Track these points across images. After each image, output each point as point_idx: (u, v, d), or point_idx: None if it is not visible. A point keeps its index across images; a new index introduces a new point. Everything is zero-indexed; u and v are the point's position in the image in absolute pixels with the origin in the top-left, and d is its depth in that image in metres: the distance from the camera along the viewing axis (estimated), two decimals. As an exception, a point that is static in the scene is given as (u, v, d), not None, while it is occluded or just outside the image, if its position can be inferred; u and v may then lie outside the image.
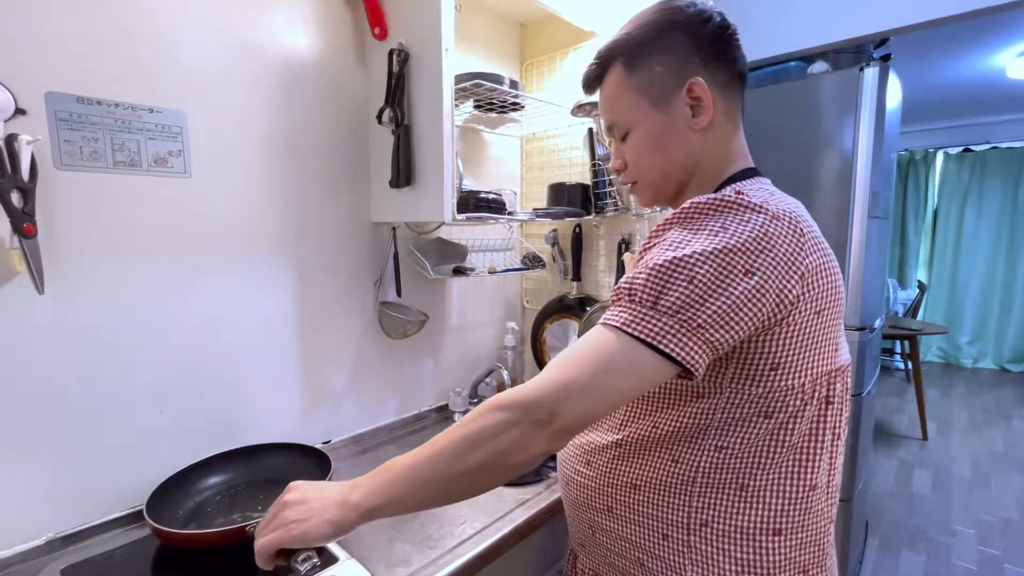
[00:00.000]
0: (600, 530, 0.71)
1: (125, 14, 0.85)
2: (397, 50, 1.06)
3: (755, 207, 0.55)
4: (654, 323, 0.52)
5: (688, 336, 0.51)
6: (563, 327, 1.54)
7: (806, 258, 0.55)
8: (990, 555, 2.14)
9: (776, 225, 0.54)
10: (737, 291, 0.52)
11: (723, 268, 0.52)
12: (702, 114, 0.64)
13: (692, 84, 0.63)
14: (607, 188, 1.33)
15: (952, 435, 3.34)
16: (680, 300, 0.52)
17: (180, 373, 0.97)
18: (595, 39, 1.40)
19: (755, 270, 0.52)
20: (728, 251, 0.52)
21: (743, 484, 0.60)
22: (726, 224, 0.54)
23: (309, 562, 0.69)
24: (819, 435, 0.61)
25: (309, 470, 0.98)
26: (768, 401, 0.58)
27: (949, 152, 4.83)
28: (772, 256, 0.53)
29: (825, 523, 0.64)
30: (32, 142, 0.75)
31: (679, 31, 0.63)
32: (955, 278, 4.86)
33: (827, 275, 0.58)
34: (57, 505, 0.85)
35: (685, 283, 0.52)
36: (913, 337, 3.39)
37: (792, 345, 0.56)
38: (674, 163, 0.67)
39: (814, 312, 0.56)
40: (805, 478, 0.61)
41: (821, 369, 0.59)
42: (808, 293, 0.55)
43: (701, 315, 0.51)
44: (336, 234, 1.19)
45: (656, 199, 0.72)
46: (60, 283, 0.82)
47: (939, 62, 3.02)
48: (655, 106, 0.65)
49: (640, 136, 0.67)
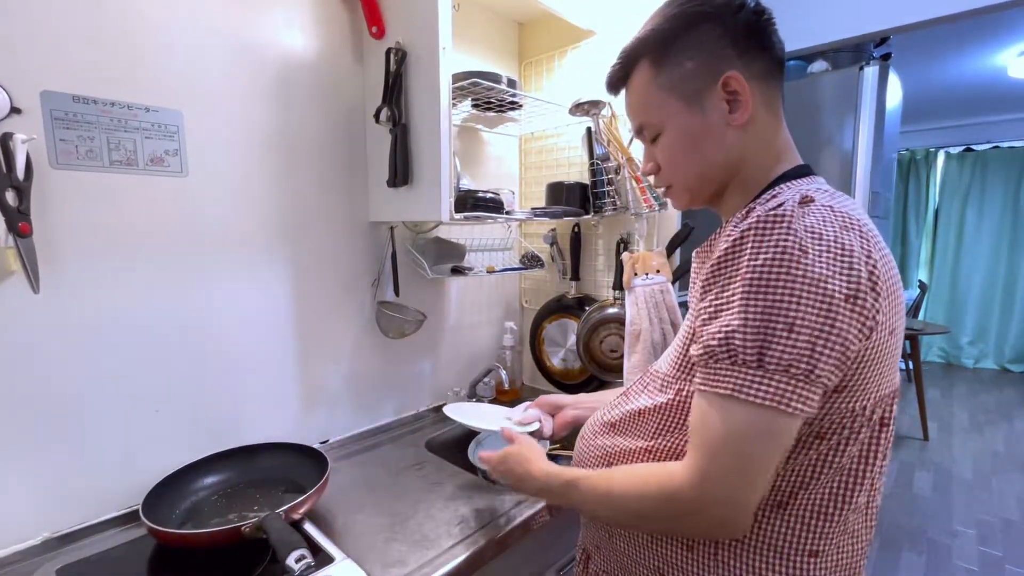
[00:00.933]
0: (619, 535, 0.69)
1: (121, 13, 0.85)
2: (394, 49, 1.06)
3: (822, 215, 0.50)
4: (768, 385, 0.48)
5: (806, 387, 0.47)
6: (562, 327, 1.54)
7: (881, 269, 0.50)
8: (991, 556, 2.13)
9: (850, 235, 0.49)
10: (844, 323, 0.47)
11: (822, 302, 0.47)
12: (740, 109, 0.59)
13: (728, 78, 0.58)
14: (606, 188, 1.33)
15: (953, 435, 3.34)
16: (788, 354, 0.47)
17: (176, 373, 0.97)
18: (594, 38, 1.39)
19: (855, 292, 0.47)
20: (821, 280, 0.47)
21: (782, 503, 0.56)
22: (804, 246, 0.48)
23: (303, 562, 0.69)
24: (869, 457, 0.56)
25: (306, 470, 0.98)
26: (823, 423, 0.53)
27: (950, 152, 4.82)
28: (857, 271, 0.48)
29: (862, 546, 0.61)
30: (27, 141, 0.75)
31: (710, 22, 0.58)
32: (956, 278, 4.85)
33: (897, 290, 0.53)
34: (53, 505, 0.85)
35: (786, 333, 0.47)
36: (914, 337, 3.39)
37: (863, 367, 0.51)
38: (712, 164, 0.62)
39: (889, 332, 0.51)
40: (849, 500, 0.56)
41: (884, 391, 0.55)
42: (884, 310, 0.50)
43: (816, 366, 0.47)
44: (333, 233, 1.18)
45: (693, 202, 0.67)
46: (55, 282, 0.82)
47: (940, 61, 3.01)
48: (688, 104, 0.60)
49: (673, 137, 0.63)
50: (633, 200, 1.29)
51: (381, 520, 0.92)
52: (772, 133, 0.62)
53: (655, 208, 1.28)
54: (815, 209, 0.50)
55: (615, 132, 1.31)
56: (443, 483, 1.06)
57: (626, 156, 1.29)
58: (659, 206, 1.28)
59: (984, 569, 2.05)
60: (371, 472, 1.11)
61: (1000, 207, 4.59)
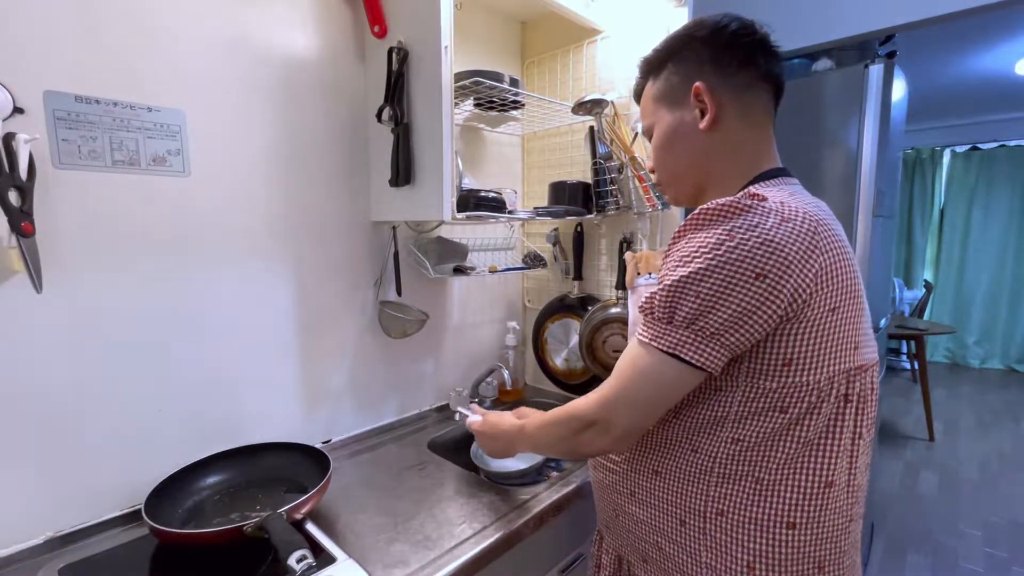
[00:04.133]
0: (623, 513, 0.76)
1: (123, 13, 0.85)
2: (397, 48, 1.05)
3: (767, 210, 0.57)
4: (672, 336, 0.59)
5: (704, 343, 0.58)
6: (564, 326, 1.54)
7: (819, 257, 0.57)
8: (998, 557, 2.12)
9: (786, 226, 0.56)
10: (748, 296, 0.55)
11: (730, 277, 0.56)
12: (706, 116, 0.68)
13: (695, 88, 0.68)
14: (608, 187, 1.33)
15: (959, 436, 3.31)
16: (692, 312, 0.58)
17: (179, 372, 0.97)
18: (596, 37, 1.39)
19: (766, 273, 0.55)
20: (734, 262, 0.56)
21: (758, 477, 0.63)
22: (733, 231, 0.57)
23: (305, 562, 0.69)
24: (836, 432, 0.62)
25: (308, 470, 0.98)
26: (783, 396, 0.60)
27: (956, 150, 4.78)
28: (782, 257, 0.55)
29: (843, 521, 0.65)
30: (30, 141, 0.75)
31: (695, 42, 0.69)
32: (962, 277, 4.81)
33: (843, 273, 0.59)
34: (56, 504, 0.85)
35: (693, 298, 0.57)
36: (919, 337, 3.36)
37: (805, 341, 0.58)
38: (681, 161, 0.72)
39: (828, 309, 0.58)
40: (820, 474, 0.62)
41: (838, 367, 0.60)
42: (821, 291, 0.57)
43: (714, 323, 0.57)
44: (336, 233, 1.18)
45: (678, 198, 0.78)
46: (58, 282, 0.82)
47: (946, 59, 2.99)
48: (670, 110, 0.71)
49: (658, 136, 0.74)
50: (636, 199, 1.28)
51: (383, 520, 0.92)
52: (745, 140, 0.69)
53: (658, 207, 1.27)
54: (759, 205, 0.58)
55: (618, 131, 1.30)
56: (445, 483, 1.06)
57: (629, 155, 1.28)
58: (662, 205, 1.27)
59: (990, 571, 2.04)
60: (373, 472, 1.11)
61: (1007, 206, 4.55)
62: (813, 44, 1.71)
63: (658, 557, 0.72)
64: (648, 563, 0.74)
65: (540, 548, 1.00)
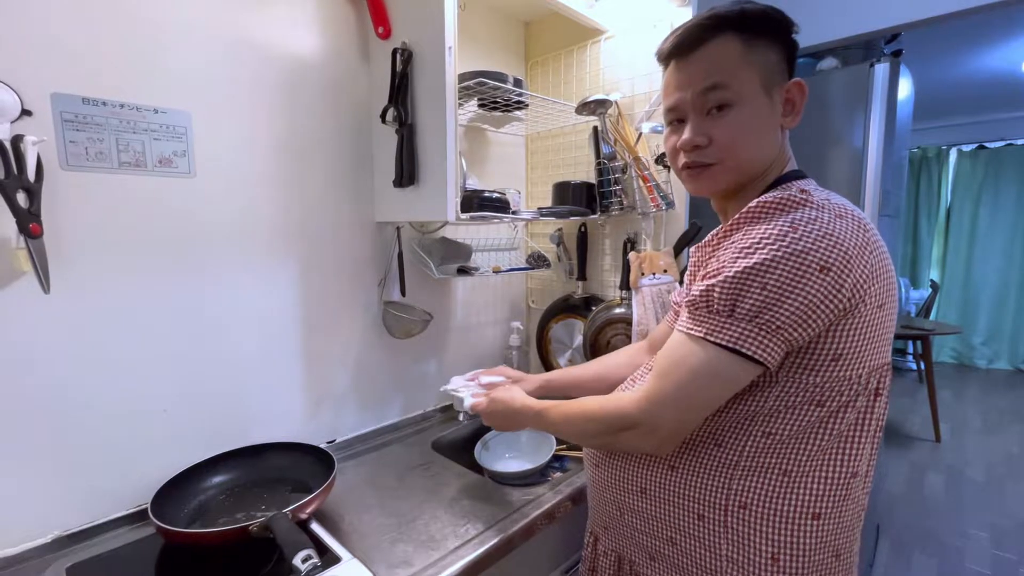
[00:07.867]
0: (629, 510, 0.74)
1: (130, 15, 0.86)
2: (401, 49, 1.06)
3: (820, 205, 0.58)
4: (733, 329, 0.56)
5: (767, 337, 0.56)
6: (568, 327, 1.53)
7: (870, 254, 0.57)
8: (1004, 559, 2.10)
9: (842, 222, 0.56)
10: (814, 288, 0.54)
11: (797, 269, 0.54)
12: (793, 115, 0.66)
13: (796, 83, 0.65)
14: (612, 187, 1.32)
15: (966, 437, 3.29)
16: (756, 305, 0.55)
17: (185, 372, 0.97)
18: (600, 37, 1.39)
19: (830, 266, 0.54)
20: (800, 253, 0.54)
21: (786, 469, 0.62)
22: (796, 223, 0.56)
23: (310, 562, 0.69)
24: (865, 424, 0.62)
25: (313, 470, 0.98)
26: (823, 390, 0.60)
27: (963, 149, 4.75)
28: (843, 251, 0.55)
29: (859, 510, 0.66)
30: (38, 143, 0.76)
31: (786, 33, 0.65)
32: (969, 277, 4.77)
33: (887, 271, 0.60)
34: (63, 503, 0.86)
35: (759, 289, 0.55)
36: (926, 337, 3.34)
37: (855, 337, 0.58)
38: (764, 153, 0.66)
39: (877, 306, 0.58)
40: (848, 465, 0.62)
41: (878, 361, 0.61)
42: (873, 287, 0.57)
43: (780, 316, 0.55)
44: (340, 233, 1.19)
45: (727, 187, 0.68)
46: (66, 283, 0.83)
47: (952, 57, 2.97)
48: (766, 91, 0.63)
49: (745, 116, 0.63)
50: (640, 199, 1.28)
51: (387, 520, 0.92)
52: (785, 141, 0.69)
53: (662, 207, 1.27)
54: (811, 200, 0.58)
55: (622, 131, 1.30)
56: (449, 483, 1.06)
57: (633, 155, 1.28)
58: (666, 205, 1.27)
59: (997, 573, 2.02)
60: (377, 472, 1.11)
61: (1014, 205, 4.52)
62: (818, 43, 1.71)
63: (671, 553, 0.70)
64: (656, 560, 0.73)
65: (544, 548, 1.00)
